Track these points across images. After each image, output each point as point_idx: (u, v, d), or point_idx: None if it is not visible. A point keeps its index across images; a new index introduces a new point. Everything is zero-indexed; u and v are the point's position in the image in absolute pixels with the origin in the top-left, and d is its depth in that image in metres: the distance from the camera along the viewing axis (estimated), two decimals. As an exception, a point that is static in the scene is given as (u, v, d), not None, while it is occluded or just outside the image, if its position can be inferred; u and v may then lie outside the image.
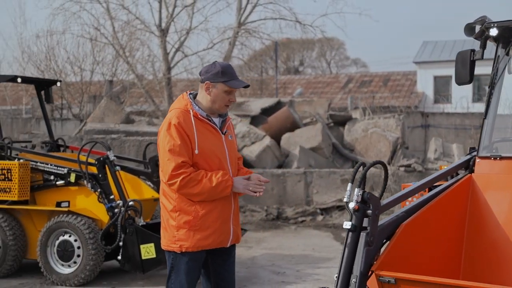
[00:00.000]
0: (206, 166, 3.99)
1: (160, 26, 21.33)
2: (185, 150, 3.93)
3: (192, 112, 4.01)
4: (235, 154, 4.21)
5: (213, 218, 4.00)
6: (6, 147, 7.65)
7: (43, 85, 8.59)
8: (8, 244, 7.36)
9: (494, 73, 4.53)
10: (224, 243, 4.08)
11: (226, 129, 4.16)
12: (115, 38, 20.94)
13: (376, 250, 3.62)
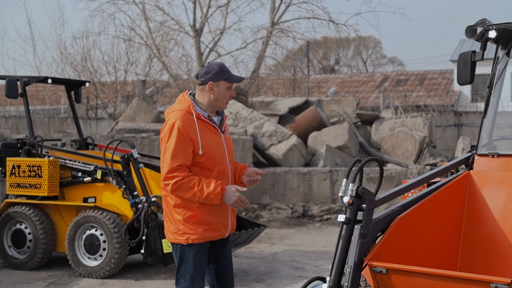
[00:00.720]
0: (209, 164, 4.21)
1: (194, 27, 21.68)
2: (182, 153, 4.12)
3: (195, 113, 4.22)
4: (232, 149, 4.45)
5: (214, 214, 4.24)
6: (37, 145, 8.02)
7: (73, 85, 8.95)
8: (38, 238, 7.72)
9: (493, 73, 4.68)
10: (223, 235, 4.35)
11: (224, 128, 4.41)
12: (150, 38, 21.37)
13: (370, 242, 3.82)
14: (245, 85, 22.78)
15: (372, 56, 50.81)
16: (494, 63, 4.69)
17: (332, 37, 34.27)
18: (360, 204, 3.80)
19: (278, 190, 12.71)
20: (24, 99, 8.35)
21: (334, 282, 3.68)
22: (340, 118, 15.08)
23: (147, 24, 21.73)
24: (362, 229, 3.76)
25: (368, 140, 14.72)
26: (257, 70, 23.60)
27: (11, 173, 7.87)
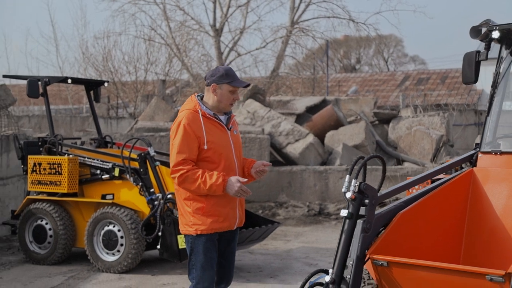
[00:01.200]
0: (215, 158, 4.45)
1: (214, 26, 21.87)
2: (187, 148, 4.38)
3: (201, 112, 4.48)
4: (240, 146, 4.67)
5: (222, 205, 4.47)
6: (57, 143, 8.25)
7: (92, 85, 9.17)
8: (58, 234, 7.94)
9: (497, 72, 4.79)
10: (231, 226, 4.57)
11: (231, 125, 4.62)
12: (171, 38, 21.60)
13: (372, 236, 3.96)
14: (265, 84, 22.95)
15: (393, 54, 50.63)
16: (498, 62, 4.79)
17: (353, 36, 34.24)
18: (363, 199, 3.94)
19: (295, 189, 12.84)
20: (45, 98, 8.58)
21: (336, 274, 3.82)
22: (357, 117, 15.17)
23: (167, 24, 21.96)
24: (365, 223, 3.90)
25: (385, 139, 14.79)
26: (277, 70, 23.73)
27: (33, 170, 8.10)
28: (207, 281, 4.45)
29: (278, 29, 23.15)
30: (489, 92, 4.74)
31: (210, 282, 4.48)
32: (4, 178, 10.19)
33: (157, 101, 14.86)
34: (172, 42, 21.68)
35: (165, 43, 21.87)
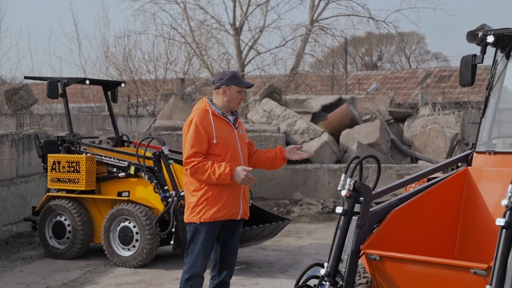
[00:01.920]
0: (222, 152, 4.86)
1: (234, 25, 22.11)
2: (198, 143, 4.79)
3: (211, 111, 4.90)
4: (245, 144, 5.06)
5: (225, 196, 4.85)
6: (75, 142, 8.55)
7: (109, 86, 9.47)
8: (77, 229, 8.24)
9: (492, 75, 4.96)
10: (234, 215, 4.92)
11: (238, 125, 5.02)
12: (191, 37, 21.88)
13: (367, 232, 4.17)
14: (283, 83, 23.15)
15: (415, 51, 50.42)
16: (493, 65, 4.97)
17: (375, 33, 34.19)
18: (358, 197, 4.15)
19: (310, 186, 13.05)
20: (64, 99, 8.89)
21: (331, 268, 4.05)
22: (372, 115, 15.32)
23: (188, 23, 22.24)
24: (359, 220, 4.11)
25: (401, 137, 14.92)
26: (296, 68, 23.89)
27: (52, 168, 8.41)
28: (199, 267, 4.86)
29: (297, 27, 23.32)
30: (484, 94, 4.91)
31: (202, 268, 4.88)
32: (26, 176, 10.54)
33: (175, 100, 15.14)
34: (192, 41, 21.95)
35: (185, 42, 22.15)
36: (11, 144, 10.14)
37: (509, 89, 5.09)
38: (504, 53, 4.91)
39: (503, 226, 3.49)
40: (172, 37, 21.99)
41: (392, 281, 4.02)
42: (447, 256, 4.55)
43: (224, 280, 5.05)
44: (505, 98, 5.08)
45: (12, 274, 7.61)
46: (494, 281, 3.40)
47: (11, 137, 10.19)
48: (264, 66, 23.95)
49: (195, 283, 4.90)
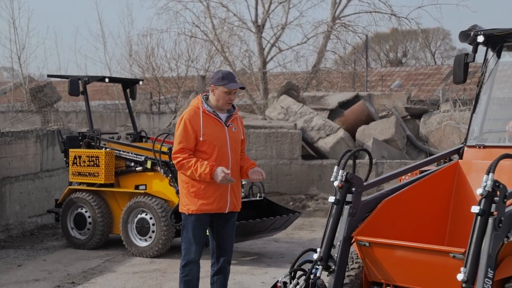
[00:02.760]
0: (209, 149, 5.11)
1: (256, 22, 22.40)
2: (185, 139, 5.07)
3: (202, 109, 5.15)
4: (237, 141, 5.28)
5: (212, 190, 5.12)
6: (95, 138, 8.94)
7: (128, 84, 9.85)
8: (97, 221, 8.64)
9: (483, 72, 5.22)
10: (222, 209, 5.18)
11: (231, 122, 5.24)
12: (214, 34, 22.23)
13: (358, 220, 4.47)
14: (305, 80, 23.39)
15: (441, 47, 50.16)
16: (484, 64, 5.22)
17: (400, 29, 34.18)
18: (350, 187, 4.45)
19: (325, 182, 13.30)
20: (85, 96, 9.29)
21: (324, 253, 4.35)
22: (388, 112, 15.53)
23: (210, 20, 22.59)
24: (351, 209, 4.41)
25: (417, 133, 15.12)
26: (318, 65, 24.09)
27: (73, 162, 8.81)
28: (193, 254, 5.18)
29: (319, 24, 23.50)
30: (476, 91, 5.17)
31: (196, 254, 5.20)
32: (50, 170, 10.99)
33: (194, 97, 15.49)
34: (215, 39, 22.28)
35: (208, 40, 22.48)
36: (35, 139, 10.58)
37: (499, 86, 5.34)
38: (494, 52, 5.17)
39: (478, 213, 3.76)
40: (194, 35, 22.36)
41: (380, 265, 4.31)
42: (438, 244, 4.83)
43: (222, 266, 5.36)
44: (496, 95, 5.32)
45: (36, 262, 8.04)
46: (468, 263, 3.67)
47: (35, 133, 10.64)
48: (285, 64, 24.17)
49: (191, 268, 5.23)
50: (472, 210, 3.78)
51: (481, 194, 3.76)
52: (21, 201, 10.06)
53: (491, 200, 3.75)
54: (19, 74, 24.44)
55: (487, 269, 3.68)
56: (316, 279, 4.29)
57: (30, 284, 6.98)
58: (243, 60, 23.67)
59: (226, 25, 22.85)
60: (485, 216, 3.74)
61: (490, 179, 3.75)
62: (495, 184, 3.75)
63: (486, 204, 3.75)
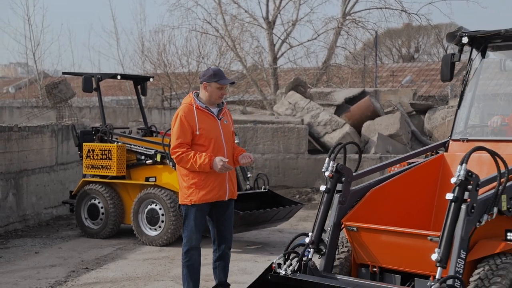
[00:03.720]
0: (206, 142, 5.50)
1: (267, 19, 22.76)
2: (182, 135, 5.44)
3: (195, 105, 5.53)
4: (229, 133, 5.69)
5: (212, 180, 5.50)
6: (108, 132, 9.38)
7: (139, 80, 10.28)
8: (109, 211, 9.08)
9: (468, 71, 5.59)
10: (222, 197, 5.58)
11: (222, 116, 5.64)
12: (226, 31, 22.60)
13: (348, 208, 4.85)
14: (315, 76, 23.73)
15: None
16: (469, 63, 5.59)
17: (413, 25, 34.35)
18: (340, 177, 4.84)
19: (331, 176, 13.65)
20: (98, 93, 9.73)
21: (315, 237, 4.74)
22: (394, 108, 15.87)
23: (222, 17, 22.96)
24: (341, 197, 4.80)
25: (421, 129, 15.46)
26: (328, 61, 24.39)
27: (87, 156, 9.26)
28: (195, 241, 5.59)
29: (329, 20, 23.80)
30: (460, 89, 5.53)
31: (197, 241, 5.61)
32: (65, 163, 11.45)
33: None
34: (226, 35, 22.63)
35: (219, 36, 22.85)
36: (51, 134, 11.05)
37: (484, 83, 5.71)
38: (478, 51, 5.53)
39: (452, 200, 4.13)
40: (206, 31, 22.73)
41: (367, 249, 4.70)
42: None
43: (223, 252, 5.77)
44: (480, 92, 5.69)
45: (52, 250, 8.50)
46: (442, 245, 4.05)
47: (51, 128, 11.10)
48: (296, 60, 24.47)
49: (193, 254, 5.63)
50: (446, 197, 4.16)
51: (454, 182, 4.13)
52: (37, 193, 10.53)
53: (464, 188, 4.12)
54: (34, 70, 24.97)
55: (460, 250, 4.05)
56: (308, 260, 4.67)
57: (46, 269, 7.42)
58: (254, 56, 24.04)
59: (237, 21, 23.21)
60: (458, 203, 4.12)
61: (463, 169, 4.12)
62: (468, 173, 4.12)
63: (459, 192, 4.12)
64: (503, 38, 5.40)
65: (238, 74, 25.03)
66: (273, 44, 23.28)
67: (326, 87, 20.74)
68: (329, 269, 4.75)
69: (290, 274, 4.60)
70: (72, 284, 6.77)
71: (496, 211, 4.25)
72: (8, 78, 39.52)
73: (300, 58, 30.59)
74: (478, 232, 4.24)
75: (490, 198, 4.24)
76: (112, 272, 7.28)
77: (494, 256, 4.26)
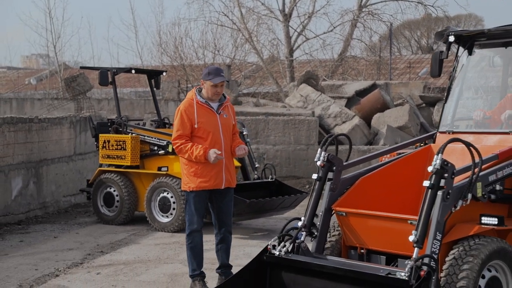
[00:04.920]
0: (204, 134, 5.96)
1: (283, 11, 23.12)
2: (182, 127, 5.93)
3: (195, 100, 6.01)
4: (228, 127, 6.12)
5: (209, 169, 5.97)
6: (122, 124, 9.85)
7: (153, 74, 10.73)
8: (124, 199, 9.56)
9: (454, 67, 5.96)
10: (218, 185, 6.04)
11: (222, 110, 6.09)
12: (243, 23, 22.99)
13: (338, 195, 5.26)
14: (330, 67, 24.04)
15: (473, 33, 49.82)
16: (456, 60, 5.96)
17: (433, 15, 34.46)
18: (331, 167, 5.24)
19: (340, 166, 14.04)
20: (113, 86, 10.20)
21: (307, 221, 5.15)
22: (404, 100, 16.19)
23: (239, 9, 23.34)
24: (332, 184, 5.21)
25: (431, 121, 15.77)
26: (344, 53, 24.68)
27: (103, 146, 9.74)
28: (196, 224, 6.06)
29: (345, 13, 24.08)
30: (447, 84, 5.90)
31: (198, 224, 6.07)
32: (82, 154, 11.96)
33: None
34: (243, 27, 23.01)
35: (236, 29, 23.24)
36: (69, 125, 11.55)
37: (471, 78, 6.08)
38: (464, 49, 5.90)
39: (428, 187, 4.52)
40: (223, 24, 23.13)
41: (355, 232, 5.10)
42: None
43: (224, 236, 6.23)
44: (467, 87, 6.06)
45: (69, 235, 9.00)
46: (419, 227, 4.44)
47: (69, 120, 11.60)
48: (312, 52, 24.76)
49: (195, 236, 6.11)
50: (423, 184, 4.55)
51: (431, 171, 4.52)
52: (57, 181, 11.04)
53: (440, 176, 4.50)
54: (55, 62, 25.59)
55: (436, 232, 4.45)
56: (301, 242, 5.08)
57: (64, 252, 7.92)
58: (270, 49, 24.40)
59: (254, 14, 23.58)
60: (434, 189, 4.50)
61: (439, 159, 4.50)
62: (444, 163, 4.51)
63: (435, 180, 4.51)
64: (488, 36, 5.77)
65: (254, 66, 25.43)
66: (289, 37, 23.63)
67: (341, 80, 21.07)
68: (321, 250, 5.16)
69: (283, 254, 5.00)
70: (88, 266, 7.26)
71: (470, 197, 4.64)
72: (30, 69, 40.27)
73: (316, 51, 30.83)
74: (456, 216, 4.63)
75: (465, 185, 4.63)
76: (125, 255, 7.76)
77: (468, 238, 4.66)
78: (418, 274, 4.19)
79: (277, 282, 5.04)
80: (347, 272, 4.61)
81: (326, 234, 5.23)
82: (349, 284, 4.59)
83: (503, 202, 5.14)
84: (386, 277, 4.34)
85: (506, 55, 6.03)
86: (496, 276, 4.71)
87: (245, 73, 24.06)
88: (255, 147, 13.77)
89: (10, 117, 9.92)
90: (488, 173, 4.89)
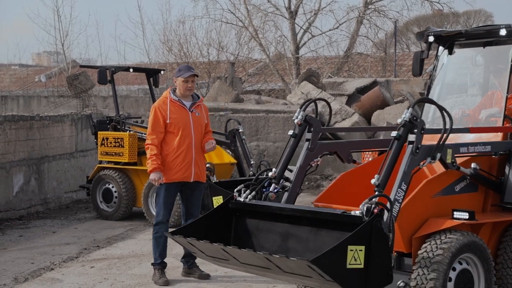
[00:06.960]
0: (175, 130, 6.32)
1: (289, 8, 23.25)
2: (156, 123, 6.32)
3: (169, 98, 6.36)
4: (200, 124, 6.46)
5: (178, 163, 6.35)
6: (121, 121, 10.05)
7: (151, 73, 10.93)
8: (122, 195, 9.77)
9: (435, 66, 6.11)
10: (187, 178, 6.39)
11: (194, 109, 6.43)
12: (249, 20, 23.14)
13: (315, 155, 5.44)
14: (336, 64, 24.14)
15: (483, 29, 49.67)
16: (436, 59, 6.11)
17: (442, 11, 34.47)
18: (309, 128, 5.43)
19: (339, 163, 14.08)
20: (112, 84, 10.41)
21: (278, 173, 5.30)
22: (404, 97, 16.31)
23: (245, 6, 23.49)
24: (309, 144, 5.40)
25: (431, 117, 15.87)
26: (350, 50, 24.77)
27: (102, 143, 9.95)
28: (162, 216, 6.46)
29: (351, 9, 24.18)
30: (427, 83, 6.05)
31: (165, 217, 6.47)
32: (84, 151, 12.19)
33: (220, 83, 16.55)
34: (249, 25, 23.15)
35: (243, 26, 23.38)
36: (71, 123, 11.78)
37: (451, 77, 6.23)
38: (444, 48, 6.05)
39: (395, 137, 4.71)
40: (229, 21, 23.27)
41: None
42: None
43: None
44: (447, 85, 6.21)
45: (68, 230, 9.24)
46: (383, 173, 4.63)
47: (71, 117, 11.84)
48: (317, 49, 24.86)
49: (160, 227, 6.50)
50: (391, 135, 4.72)
51: (399, 123, 4.70)
52: (58, 178, 11.28)
53: (408, 129, 4.68)
54: (63, 59, 25.84)
55: (402, 182, 4.67)
56: (268, 192, 5.23)
57: (61, 247, 8.15)
58: (277, 46, 24.53)
59: (260, 11, 23.72)
60: (401, 141, 4.67)
61: (409, 112, 4.68)
62: (413, 117, 4.68)
63: (404, 132, 4.70)
64: (466, 36, 5.92)
65: (261, 63, 25.57)
66: (295, 34, 23.75)
67: (347, 77, 21.18)
68: (291, 203, 5.28)
69: (247, 201, 5.07)
70: (83, 260, 7.48)
71: (439, 157, 4.79)
72: (40, 67, 40.61)
73: (321, 48, 30.87)
74: (429, 211, 4.80)
75: (435, 145, 4.81)
76: (120, 250, 7.97)
77: (440, 232, 4.82)
78: (372, 212, 4.34)
79: (242, 228, 5.14)
80: (306, 213, 4.79)
81: (298, 189, 5.36)
82: (308, 225, 4.75)
83: (476, 181, 5.28)
84: (341, 215, 4.55)
85: (485, 55, 6.17)
86: (467, 269, 4.87)
87: (249, 72, 24.21)
88: (256, 144, 13.96)
89: (12, 115, 10.17)
90: (460, 144, 5.09)
